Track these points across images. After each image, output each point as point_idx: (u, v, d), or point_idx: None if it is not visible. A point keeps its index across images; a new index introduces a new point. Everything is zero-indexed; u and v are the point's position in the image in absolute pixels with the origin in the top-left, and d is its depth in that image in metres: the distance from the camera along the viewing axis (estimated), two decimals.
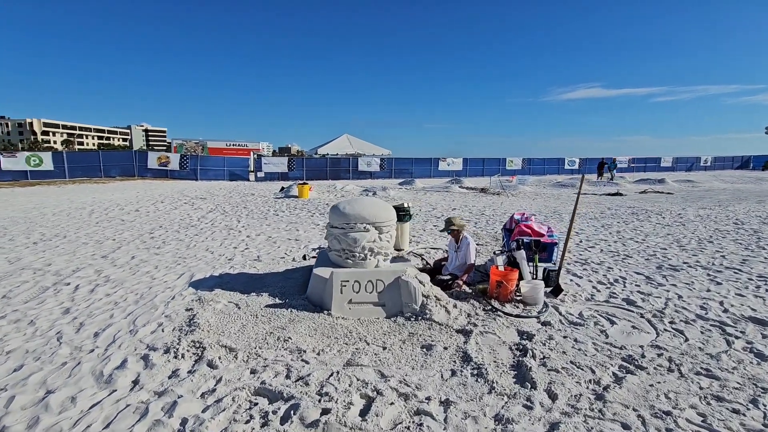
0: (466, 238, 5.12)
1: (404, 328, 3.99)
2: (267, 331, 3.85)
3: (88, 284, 5.33)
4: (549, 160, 38.78)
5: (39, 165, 24.74)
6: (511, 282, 4.49)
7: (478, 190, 19.87)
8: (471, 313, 4.26)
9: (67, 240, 8.20)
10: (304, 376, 3.01)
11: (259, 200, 16.04)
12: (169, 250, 7.31)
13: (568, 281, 5.38)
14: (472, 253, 5.04)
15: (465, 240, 5.12)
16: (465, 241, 5.12)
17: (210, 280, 5.50)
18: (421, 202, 15.24)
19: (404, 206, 7.03)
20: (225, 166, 29.00)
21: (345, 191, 19.64)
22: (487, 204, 14.62)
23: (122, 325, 4.05)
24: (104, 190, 19.34)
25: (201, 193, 18.24)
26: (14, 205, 13.97)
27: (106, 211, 12.46)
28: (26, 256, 6.84)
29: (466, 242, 5.09)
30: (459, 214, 11.81)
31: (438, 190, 20.08)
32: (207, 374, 3.08)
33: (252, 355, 3.36)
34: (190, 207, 13.68)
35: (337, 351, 3.47)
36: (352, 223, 4.76)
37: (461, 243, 5.16)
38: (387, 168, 32.32)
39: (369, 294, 4.45)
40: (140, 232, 9.06)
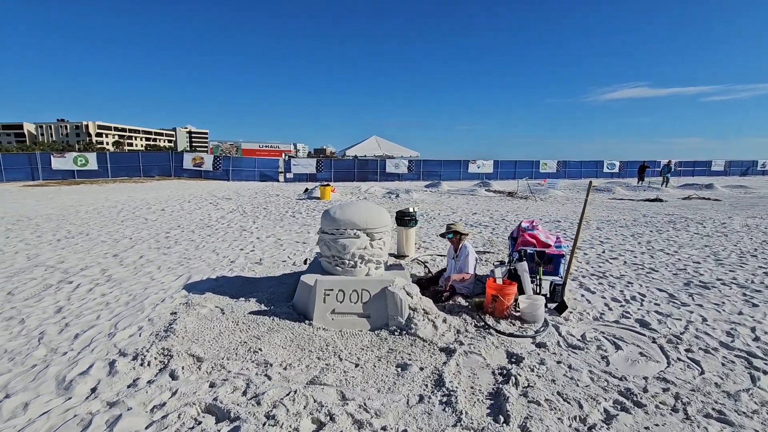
0: (466, 247, 4.80)
1: (385, 343, 3.73)
2: (241, 340, 3.71)
3: (89, 283, 5.44)
4: (586, 163, 37.03)
5: (85, 165, 26.29)
6: (507, 297, 4.13)
7: (505, 194, 19.18)
8: (461, 329, 3.94)
9: (88, 238, 8.51)
10: (260, 393, 2.83)
11: (281, 201, 16.20)
12: (177, 250, 7.41)
13: (578, 297, 4.93)
14: (470, 262, 4.71)
15: (464, 248, 4.80)
16: (464, 249, 4.79)
17: (205, 283, 5.46)
18: (443, 205, 14.85)
19: (409, 211, 6.76)
20: (256, 167, 29.68)
21: (368, 193, 19.53)
22: (512, 209, 14.02)
23: (104, 327, 4.05)
24: (140, 190, 20.23)
25: (228, 194, 18.68)
26: (56, 202, 14.82)
27: (134, 210, 12.94)
28: (45, 253, 7.13)
29: (465, 251, 4.77)
30: (465, 219, 11.36)
31: (463, 194, 19.55)
32: (164, 385, 2.96)
33: (217, 367, 3.23)
34: (213, 207, 13.99)
35: (306, 366, 3.28)
36: (342, 229, 4.56)
37: (460, 251, 4.84)
38: (415, 170, 31.96)
39: (353, 304, 4.22)
40: (158, 231, 9.29)
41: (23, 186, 21.79)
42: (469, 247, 4.81)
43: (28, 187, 21.00)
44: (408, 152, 32.73)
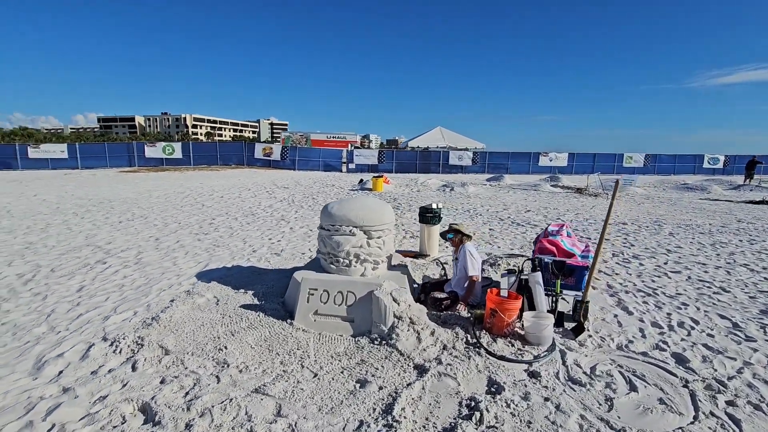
0: (464, 247, 4.28)
1: (359, 352, 3.43)
2: (216, 335, 3.65)
3: (119, 265, 5.83)
4: (682, 157, 32.57)
5: (172, 153, 29.10)
6: (507, 312, 3.58)
7: (573, 190, 17.50)
8: (448, 345, 3.49)
9: (145, 221, 9.26)
10: (198, 397, 2.71)
11: (333, 192, 16.41)
12: (212, 237, 7.73)
13: (609, 317, 4.16)
14: (469, 264, 4.18)
15: (463, 249, 4.29)
16: (463, 250, 4.28)
17: (218, 271, 5.57)
18: (496, 201, 13.91)
19: (432, 207, 6.29)
20: (320, 157, 30.56)
21: (424, 185, 19.04)
22: (575, 207, 12.68)
23: (106, 309, 4.25)
24: (213, 177, 21.84)
25: (288, 183, 19.40)
26: (138, 187, 16.52)
27: (198, 196, 13.93)
28: (101, 234, 7.86)
29: (464, 251, 4.25)
30: (512, 217, 10.40)
31: (525, 189, 18.21)
32: (119, 376, 2.97)
33: (177, 362, 3.18)
34: (267, 195, 14.58)
35: (262, 371, 3.10)
36: (338, 225, 4.32)
37: (459, 253, 4.35)
38: (480, 162, 30.60)
39: (337, 306, 3.96)
40: (205, 217, 9.83)
41: (120, 171, 24.74)
42: (468, 248, 4.27)
43: (123, 173, 23.79)
44: (473, 143, 31.42)
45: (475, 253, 4.27)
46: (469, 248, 4.32)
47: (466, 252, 4.21)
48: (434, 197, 14.75)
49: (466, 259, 4.17)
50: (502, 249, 7.04)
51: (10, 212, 10.30)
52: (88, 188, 15.97)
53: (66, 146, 27.75)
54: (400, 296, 3.83)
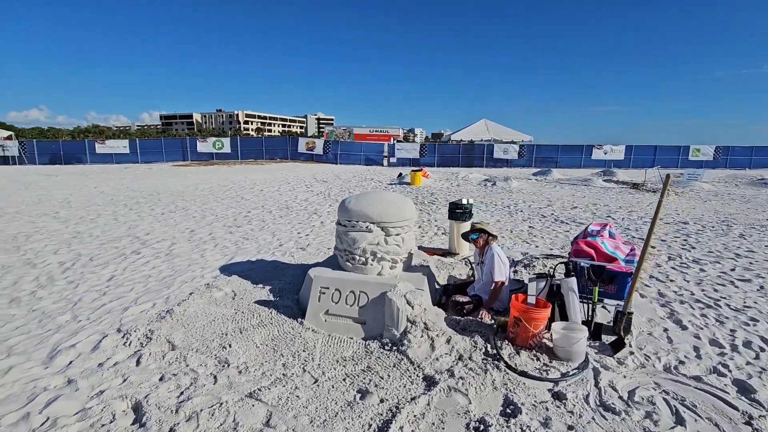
0: (492, 249, 3.91)
1: (367, 358, 3.20)
2: (224, 331, 3.56)
3: (151, 256, 6.00)
4: (761, 149, 29.20)
5: (221, 148, 30.37)
6: (533, 321, 3.19)
7: (629, 186, 16.16)
8: (464, 355, 3.17)
9: (186, 213, 9.60)
10: (189, 398, 2.60)
11: (372, 185, 16.28)
12: (243, 230, 7.82)
13: (657, 332, 3.63)
14: (497, 268, 3.81)
15: (490, 251, 3.91)
16: (490, 252, 3.91)
17: (242, 265, 5.56)
18: (540, 196, 13.11)
19: (463, 202, 5.91)
20: (362, 151, 30.60)
21: (465, 180, 18.44)
22: (629, 204, 11.65)
23: (128, 300, 4.33)
24: (257, 171, 22.49)
25: (328, 177, 19.53)
26: (186, 180, 17.32)
27: (239, 189, 14.33)
28: (142, 225, 8.20)
29: (491, 254, 3.88)
30: (556, 214, 9.64)
31: (574, 183, 17.08)
32: (122, 370, 2.95)
33: (180, 358, 3.12)
34: (305, 189, 14.71)
35: (262, 373, 2.96)
36: (354, 221, 4.10)
37: (486, 255, 3.97)
38: (527, 156, 29.22)
39: (349, 307, 3.76)
40: (241, 210, 10.02)
41: (174, 165, 26.16)
42: (497, 250, 3.89)
43: (176, 167, 25.13)
44: (520, 136, 30.05)
45: (503, 255, 3.89)
46: (497, 250, 3.94)
47: (494, 254, 3.84)
48: (474, 192, 14.20)
49: (493, 262, 3.80)
50: (541, 248, 6.51)
51: (70, 203, 11.08)
52: (143, 181, 16.95)
53: (128, 142, 29.80)
54: (415, 299, 3.55)
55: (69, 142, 31.94)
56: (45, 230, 7.67)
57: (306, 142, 31.00)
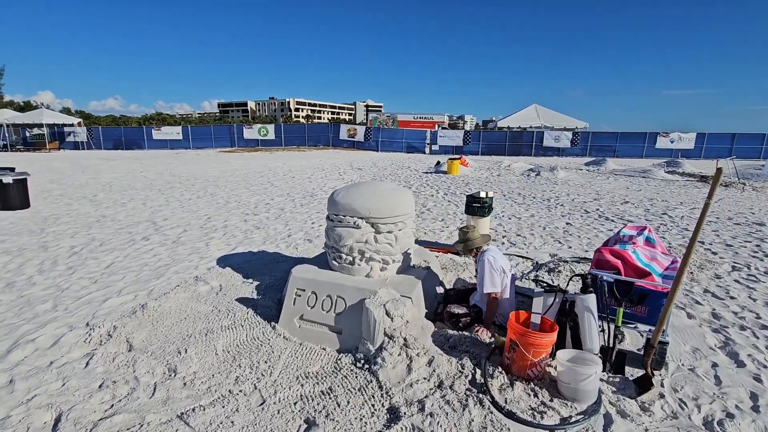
0: (483, 255, 3.31)
1: (332, 376, 2.77)
2: (189, 333, 3.28)
3: (157, 243, 5.93)
4: None
5: (266, 135, 31.01)
6: (533, 348, 2.58)
7: (696, 179, 14.32)
8: (445, 382, 2.64)
9: (211, 199, 9.64)
10: (114, 414, 2.31)
11: (406, 174, 15.71)
12: (258, 219, 7.63)
13: (703, 367, 2.87)
14: (487, 278, 3.20)
15: (481, 258, 3.32)
16: (481, 259, 3.31)
17: (240, 257, 5.32)
18: (587, 189, 11.88)
19: (481, 196, 5.25)
20: (404, 138, 29.93)
21: (507, 169, 17.32)
22: (692, 200, 10.21)
23: (114, 290, 4.20)
24: (296, 157, 22.64)
25: (365, 164, 19.18)
26: (226, 166, 17.71)
27: (273, 175, 14.36)
28: (164, 210, 8.28)
29: (481, 261, 3.28)
30: (602, 210, 8.52)
31: (631, 175, 15.43)
32: (64, 373, 2.74)
33: (130, 362, 2.86)
34: (337, 176, 14.45)
35: (208, 388, 2.62)
36: (341, 215, 3.66)
37: (477, 262, 3.39)
38: (581, 144, 27.09)
39: (325, 313, 3.33)
40: (266, 198, 9.91)
41: (220, 152, 27.06)
42: (488, 256, 3.27)
43: (222, 153, 25.95)
44: (574, 122, 27.86)
45: (498, 260, 3.27)
46: (488, 256, 3.31)
47: (484, 261, 3.22)
48: (514, 183, 13.21)
49: (483, 271, 3.20)
50: (574, 250, 5.70)
51: (111, 187, 11.58)
52: (187, 166, 17.54)
53: (181, 128, 31.25)
54: (396, 309, 3.05)
55: (130, 129, 34.13)
56: (76, 213, 7.95)
57: (347, 129, 30.84)
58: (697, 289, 4.27)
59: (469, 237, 3.46)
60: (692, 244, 2.45)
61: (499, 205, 9.20)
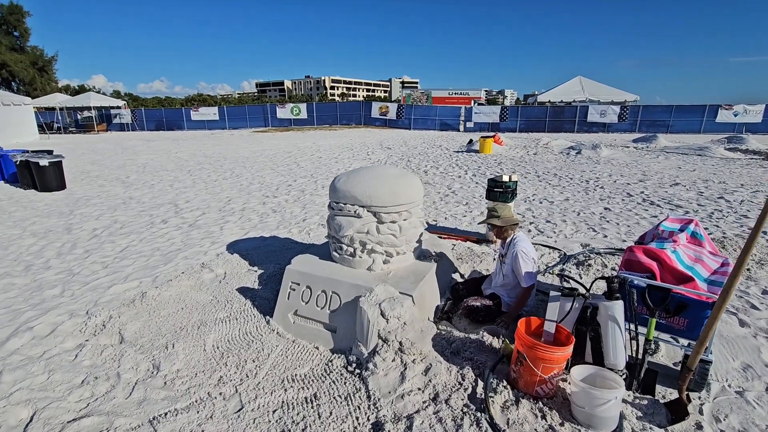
0: (516, 242, 3.01)
1: (320, 381, 2.56)
2: (183, 325, 3.18)
3: (173, 226, 5.95)
4: None
5: (298, 114, 31.02)
6: (541, 363, 2.23)
7: (762, 157, 12.81)
8: (442, 394, 2.36)
9: (236, 180, 9.65)
10: (86, 416, 2.21)
11: (436, 153, 15.15)
12: (276, 201, 7.52)
13: (755, 390, 2.41)
14: (523, 269, 2.93)
15: (514, 245, 3.01)
16: (513, 247, 3.00)
17: (251, 242, 5.21)
18: (633, 168, 10.89)
19: (503, 180, 4.80)
20: (437, 115, 28.98)
21: (545, 147, 16.31)
22: (756, 181, 9.09)
23: (122, 276, 4.20)
24: (327, 137, 22.48)
25: (394, 143, 18.73)
26: (258, 146, 17.84)
27: (300, 156, 14.27)
28: (189, 192, 8.36)
29: (514, 251, 2.97)
30: (648, 193, 7.69)
31: (684, 153, 14.06)
32: (50, 366, 2.69)
33: (117, 356, 2.78)
34: (365, 156, 14.15)
35: (187, 388, 2.48)
36: (342, 203, 3.39)
37: (508, 248, 3.06)
38: (629, 119, 25.08)
39: (320, 309, 3.11)
40: (289, 179, 9.81)
41: (254, 131, 27.39)
42: (521, 245, 2.97)
43: (255, 133, 26.25)
44: (622, 95, 25.81)
45: (530, 248, 2.99)
46: (522, 245, 3.00)
47: (518, 252, 2.93)
48: (551, 162, 12.37)
49: (518, 262, 2.94)
50: (610, 240, 5.15)
51: (145, 168, 11.91)
52: (220, 147, 17.83)
53: (217, 109, 31.88)
54: (393, 309, 2.77)
55: (170, 110, 35.19)
56: (106, 195, 8.18)
57: (379, 106, 30.22)
58: (753, 289, 3.68)
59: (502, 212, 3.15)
60: (751, 243, 1.97)
61: (531, 186, 8.60)
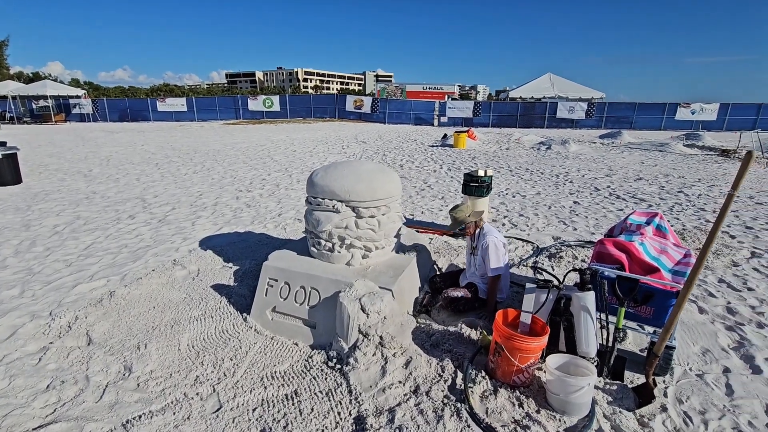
0: (485, 234, 3.15)
1: (300, 377, 2.54)
2: (155, 324, 3.08)
3: (141, 222, 5.72)
4: None
5: (271, 106, 30.40)
6: (518, 353, 2.29)
7: (717, 153, 13.57)
8: (422, 386, 2.39)
9: (207, 174, 9.38)
10: (53, 422, 2.11)
11: (411, 147, 15.21)
12: (251, 196, 7.37)
13: (714, 373, 2.56)
14: (493, 259, 3.08)
15: (483, 236, 3.14)
16: (483, 238, 3.13)
17: (225, 237, 5.09)
18: (600, 164, 11.31)
19: (478, 175, 4.87)
20: (412, 110, 29.08)
21: (517, 142, 16.68)
22: (711, 176, 9.62)
23: (88, 274, 4.01)
24: (301, 130, 22.15)
25: (369, 137, 18.67)
26: (229, 139, 17.37)
27: (274, 149, 14.00)
28: (158, 186, 8.06)
29: (485, 242, 3.09)
30: (614, 188, 8.04)
31: (647, 149, 14.71)
32: (11, 371, 2.54)
33: (85, 359, 2.66)
34: (340, 150, 14.05)
35: (162, 390, 2.41)
36: (320, 198, 3.35)
37: (478, 241, 3.16)
38: (596, 115, 25.99)
39: (299, 305, 3.08)
40: (263, 173, 9.61)
41: (224, 124, 26.64)
42: (491, 237, 3.09)
43: (226, 125, 25.54)
44: (589, 92, 26.67)
45: (500, 238, 3.13)
46: (492, 237, 3.10)
47: (489, 244, 3.07)
48: (522, 157, 12.67)
49: (488, 252, 3.07)
50: (580, 233, 5.34)
51: (109, 161, 11.38)
52: (188, 139, 17.25)
53: (185, 100, 30.77)
54: (373, 304, 2.77)
55: (135, 100, 33.69)
56: (67, 189, 7.77)
57: (354, 100, 30.02)
58: (711, 278, 3.91)
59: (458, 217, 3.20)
60: (709, 242, 2.09)
61: (504, 181, 8.78)
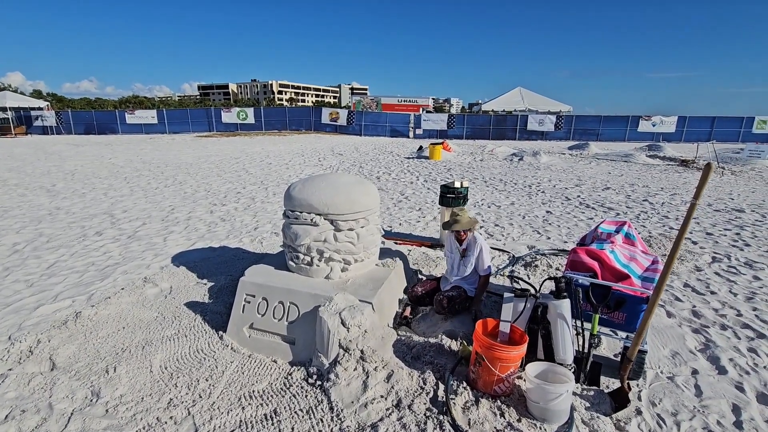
0: (476, 238, 3.34)
1: (280, 395, 2.48)
2: (125, 346, 2.94)
3: (110, 239, 5.51)
4: None
5: (245, 119, 30.05)
6: (499, 362, 2.32)
7: (677, 163, 14.30)
8: (404, 400, 2.37)
9: (179, 187, 9.14)
10: None
11: (388, 159, 15.32)
12: (225, 210, 7.22)
13: (683, 375, 2.66)
14: (486, 257, 3.29)
15: (475, 240, 3.32)
16: (476, 241, 3.32)
17: (198, 253, 4.95)
18: (569, 174, 11.71)
19: (454, 186, 4.95)
20: (388, 122, 29.36)
21: (490, 154, 17.07)
22: (673, 185, 10.12)
23: (49, 294, 3.82)
24: (276, 142, 21.96)
25: (346, 149, 18.69)
26: (202, 152, 17.02)
27: (248, 162, 13.81)
28: (127, 201, 7.79)
29: (478, 245, 3.30)
30: (584, 196, 8.35)
31: (613, 159, 15.35)
32: None
33: (48, 385, 2.51)
34: (316, 162, 13.99)
35: (132, 415, 2.30)
36: (298, 212, 3.31)
37: (469, 246, 3.30)
38: (564, 127, 26.95)
39: (277, 321, 3.02)
40: (237, 186, 9.45)
41: (197, 136, 26.12)
42: (482, 239, 3.34)
43: (199, 138, 25.04)
44: (557, 106, 27.69)
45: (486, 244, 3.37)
46: (483, 241, 3.31)
47: (483, 246, 3.28)
48: (496, 168, 12.97)
49: (482, 253, 3.26)
50: (553, 241, 5.49)
51: (74, 175, 10.94)
52: (159, 152, 16.80)
53: (155, 112, 30.05)
54: (353, 318, 2.75)
55: (102, 113, 32.65)
56: (28, 205, 7.40)
57: (329, 112, 30.07)
58: (677, 283, 4.09)
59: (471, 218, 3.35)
60: (675, 249, 2.18)
61: (479, 192, 8.95)
